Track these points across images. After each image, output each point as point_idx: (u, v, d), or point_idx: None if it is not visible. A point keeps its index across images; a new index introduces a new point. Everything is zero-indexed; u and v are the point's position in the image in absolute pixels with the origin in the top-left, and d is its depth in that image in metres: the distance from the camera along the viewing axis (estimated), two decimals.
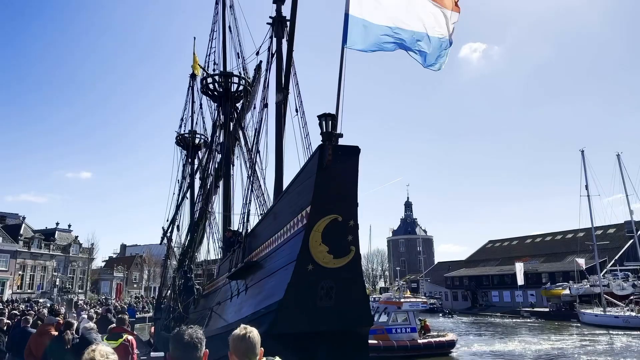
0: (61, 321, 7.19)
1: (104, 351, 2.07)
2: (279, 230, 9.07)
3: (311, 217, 7.79)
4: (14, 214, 54.56)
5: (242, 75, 17.96)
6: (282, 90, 11.93)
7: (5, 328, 9.53)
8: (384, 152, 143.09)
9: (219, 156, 18.50)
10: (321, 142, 7.71)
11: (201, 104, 23.69)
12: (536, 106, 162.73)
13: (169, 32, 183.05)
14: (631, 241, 48.36)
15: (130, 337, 6.17)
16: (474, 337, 31.39)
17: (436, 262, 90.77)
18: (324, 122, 7.79)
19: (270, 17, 13.07)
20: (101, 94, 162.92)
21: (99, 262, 72.27)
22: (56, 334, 6.70)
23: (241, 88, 17.93)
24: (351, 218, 8.03)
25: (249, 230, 11.30)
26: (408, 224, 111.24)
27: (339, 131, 7.86)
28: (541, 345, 25.99)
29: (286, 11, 12.80)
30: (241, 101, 18.09)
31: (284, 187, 12.37)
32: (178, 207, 24.69)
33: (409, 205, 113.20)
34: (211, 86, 18.19)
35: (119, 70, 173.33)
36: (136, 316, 32.46)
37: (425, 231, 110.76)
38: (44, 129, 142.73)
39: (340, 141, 7.86)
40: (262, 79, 13.20)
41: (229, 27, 18.66)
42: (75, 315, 13.40)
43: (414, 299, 23.04)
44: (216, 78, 18.05)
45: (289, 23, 12.00)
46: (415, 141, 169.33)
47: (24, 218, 54.49)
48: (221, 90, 17.93)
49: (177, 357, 2.36)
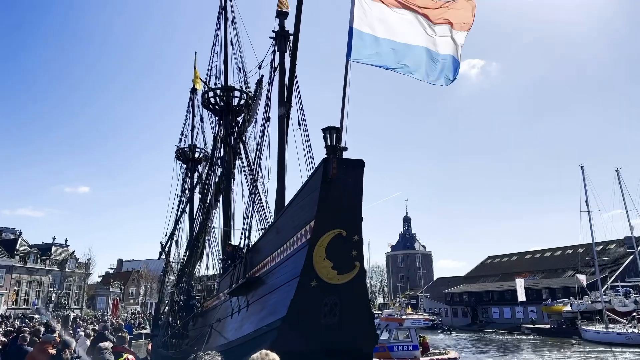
0: (58, 339, 6.97)
1: None
2: (281, 245, 8.90)
3: (315, 232, 7.65)
4: (10, 228, 54.11)
5: (244, 90, 17.96)
6: (285, 104, 11.89)
7: (0, 347, 9.26)
8: (382, 167, 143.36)
9: (219, 170, 18.38)
10: (325, 156, 7.61)
11: (202, 118, 23.66)
12: (535, 122, 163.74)
13: (169, 47, 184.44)
14: (631, 257, 48.13)
15: (130, 357, 5.96)
16: (476, 355, 30.95)
17: (435, 278, 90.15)
18: (328, 135, 7.70)
19: (273, 32, 13.11)
20: (101, 108, 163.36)
21: (95, 278, 71.62)
22: (54, 352, 6.48)
23: (242, 102, 17.93)
24: (356, 233, 7.89)
25: (250, 245, 11.12)
26: (407, 239, 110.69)
27: (343, 144, 7.79)
28: None
29: (289, 25, 12.87)
30: (242, 115, 18.08)
31: (286, 201, 12.25)
32: (177, 221, 24.48)
33: (407, 221, 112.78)
34: (212, 100, 18.16)
35: (119, 85, 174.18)
36: (133, 333, 31.91)
37: (424, 246, 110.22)
38: (43, 143, 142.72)
39: (345, 155, 7.79)
40: (265, 93, 13.19)
41: (231, 41, 18.76)
42: (72, 332, 13.10)
43: (415, 316, 22.72)
44: (217, 92, 18.04)
45: (291, 37, 12.02)
46: (413, 157, 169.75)
47: (20, 233, 54.04)
48: (222, 104, 17.91)
49: None
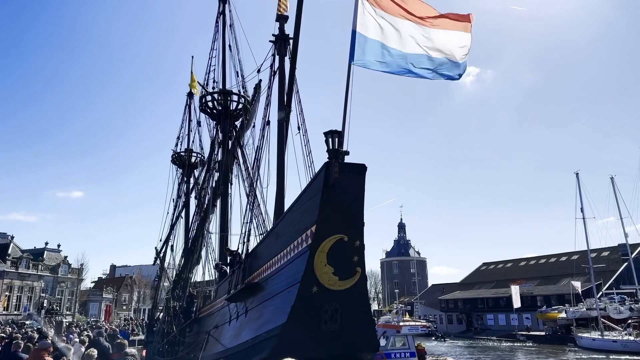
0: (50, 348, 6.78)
1: None
2: (281, 250, 8.78)
3: (316, 237, 7.55)
4: (2, 233, 53.52)
5: (242, 94, 17.86)
6: (285, 108, 11.79)
7: None
8: (376, 173, 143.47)
9: (216, 175, 18.23)
10: (327, 160, 7.52)
11: (199, 122, 23.52)
12: (529, 129, 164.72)
13: (166, 52, 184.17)
14: (625, 264, 48.30)
15: None
16: None
17: (430, 285, 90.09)
18: (330, 139, 7.62)
19: (273, 35, 13.04)
20: (96, 114, 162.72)
21: (87, 283, 70.88)
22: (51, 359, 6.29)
23: (240, 106, 17.83)
24: (357, 238, 7.82)
25: (249, 251, 10.97)
26: (401, 245, 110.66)
27: (345, 149, 7.70)
28: None
29: (289, 29, 12.82)
30: (240, 119, 17.97)
31: (286, 206, 12.14)
32: (172, 226, 24.27)
33: (402, 227, 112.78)
34: (210, 104, 18.06)
35: (113, 90, 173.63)
36: (130, 339, 31.50)
37: (418, 253, 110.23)
38: (36, 148, 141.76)
39: (346, 159, 7.70)
40: (265, 97, 13.12)
41: (229, 45, 18.70)
42: (65, 339, 12.86)
43: (413, 323, 22.56)
44: (215, 96, 17.94)
45: (291, 41, 11.96)
46: (408, 163, 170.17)
47: (12, 237, 53.43)
48: (220, 108, 17.81)
49: None
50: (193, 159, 26.20)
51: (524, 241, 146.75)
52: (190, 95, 26.98)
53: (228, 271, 13.52)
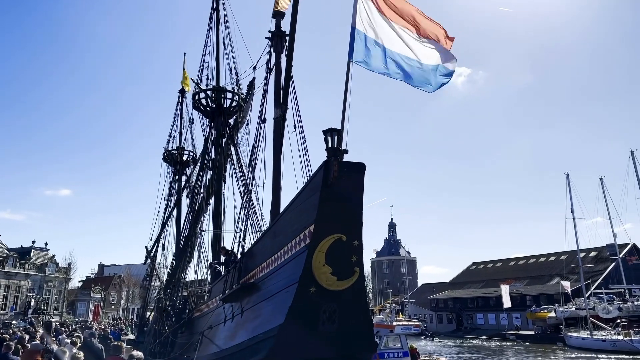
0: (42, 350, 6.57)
1: None
2: (278, 250, 8.65)
3: (315, 236, 7.45)
4: None
5: (236, 91, 17.66)
6: (281, 106, 11.65)
7: None
8: (367, 172, 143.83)
9: (209, 173, 18.01)
10: (326, 158, 7.41)
11: (192, 120, 23.21)
12: (520, 130, 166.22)
13: (158, 48, 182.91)
14: (613, 264, 48.81)
15: None
16: None
17: (420, 284, 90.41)
18: (329, 137, 7.51)
19: (269, 32, 12.87)
20: (84, 110, 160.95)
21: (75, 283, 70.04)
22: None
23: (234, 104, 17.63)
24: (356, 238, 7.73)
25: (245, 250, 10.80)
26: (392, 245, 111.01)
27: (344, 147, 7.60)
28: None
29: (285, 26, 12.66)
30: (234, 117, 17.76)
31: (282, 205, 12.00)
32: (164, 225, 23.97)
33: (392, 227, 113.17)
34: (204, 101, 17.82)
35: (103, 87, 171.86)
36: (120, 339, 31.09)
37: (409, 252, 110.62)
38: (23, 145, 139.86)
39: (345, 157, 7.60)
40: (260, 94, 12.97)
41: (223, 42, 18.48)
42: (55, 340, 12.59)
43: (406, 322, 22.52)
44: (209, 93, 17.71)
45: (288, 38, 11.81)
46: (398, 163, 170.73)
47: None
48: (214, 105, 17.59)
49: None
50: (185, 157, 25.92)
51: (513, 241, 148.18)
52: (183, 92, 26.70)
53: (222, 271, 13.37)
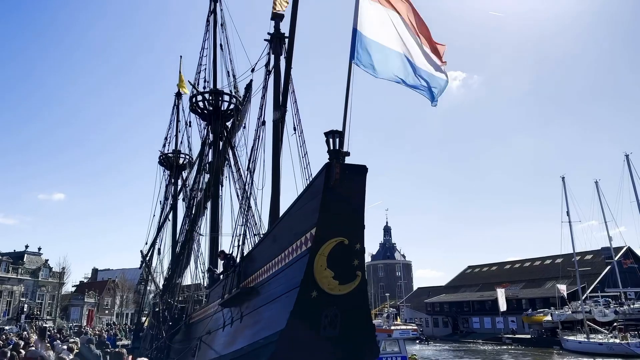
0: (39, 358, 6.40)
1: None
2: (279, 253, 8.53)
3: (316, 240, 7.34)
4: None
5: (233, 94, 17.55)
6: (280, 108, 11.55)
7: None
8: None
9: (207, 176, 17.85)
10: (328, 160, 7.32)
11: (189, 123, 22.98)
12: (514, 133, 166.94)
13: (153, 49, 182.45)
14: (608, 267, 48.95)
15: None
16: None
17: (415, 288, 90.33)
18: (330, 139, 7.43)
19: (268, 34, 12.80)
20: (76, 113, 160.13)
21: (69, 287, 69.45)
22: None
23: (232, 106, 17.52)
24: (358, 241, 7.66)
25: (244, 254, 10.66)
26: (387, 248, 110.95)
27: (345, 149, 7.51)
28: None
29: (284, 28, 12.61)
30: (231, 120, 17.65)
31: (281, 208, 11.89)
32: (159, 229, 23.73)
33: (388, 230, 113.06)
34: (201, 104, 17.70)
35: (98, 89, 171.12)
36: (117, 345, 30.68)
37: (404, 256, 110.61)
38: (16, 148, 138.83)
39: (347, 160, 7.51)
40: (257, 97, 12.88)
41: (220, 45, 18.39)
42: (50, 346, 12.33)
43: (404, 327, 22.40)
44: (206, 96, 17.59)
45: (287, 40, 11.73)
46: (393, 166, 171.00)
47: None
48: (211, 108, 17.46)
49: None
50: (181, 161, 25.74)
51: (508, 244, 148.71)
52: (179, 95, 26.55)
53: (220, 275, 13.20)
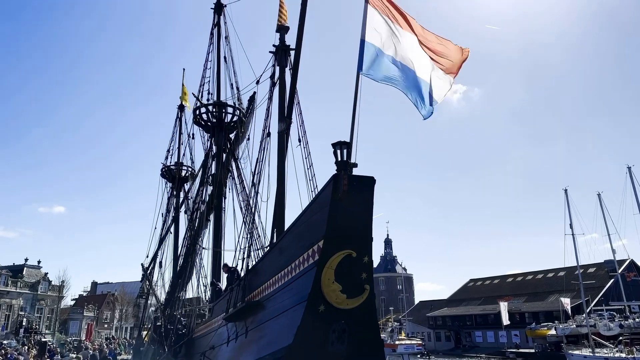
0: None
1: None
2: (285, 266, 8.40)
3: (324, 252, 7.24)
4: None
5: (237, 106, 17.59)
6: (285, 120, 11.52)
7: None
8: None
9: (209, 188, 17.78)
10: (336, 172, 7.25)
11: (192, 135, 22.88)
12: (516, 146, 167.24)
13: (156, 62, 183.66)
14: (612, 280, 48.56)
15: None
16: None
17: (417, 301, 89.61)
18: (338, 150, 7.38)
19: (273, 46, 12.85)
20: (77, 125, 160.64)
21: (68, 301, 68.89)
22: None
23: (235, 118, 17.54)
24: (366, 254, 7.56)
25: (249, 267, 10.51)
26: (388, 261, 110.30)
27: (353, 160, 7.44)
28: None
29: (289, 40, 12.68)
30: (235, 132, 17.66)
31: (286, 220, 11.78)
32: (161, 241, 23.56)
33: (389, 243, 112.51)
34: (204, 116, 17.72)
35: (101, 101, 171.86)
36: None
37: (405, 269, 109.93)
38: (16, 160, 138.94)
39: (355, 171, 7.43)
40: (262, 108, 12.87)
41: (224, 57, 18.47)
42: None
43: (408, 341, 22.14)
44: (210, 108, 17.61)
45: (292, 52, 11.75)
46: (394, 178, 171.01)
47: None
48: (215, 120, 17.48)
49: None
50: (183, 173, 25.71)
51: (508, 257, 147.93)
52: (181, 108, 26.62)
53: (223, 289, 13.02)
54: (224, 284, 14.46)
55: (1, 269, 51.27)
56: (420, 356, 50.76)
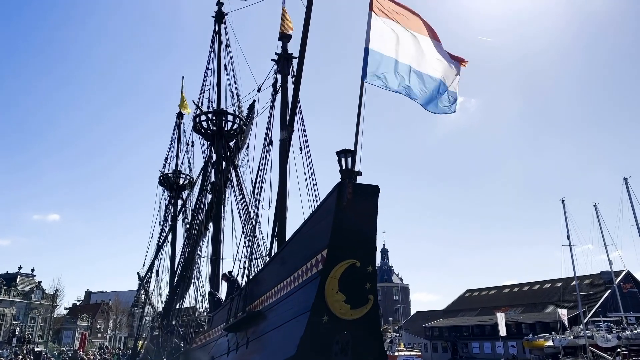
0: None
1: None
2: (288, 276, 8.28)
3: (328, 262, 7.13)
4: None
5: (237, 114, 17.55)
6: (287, 128, 11.46)
7: None
8: None
9: (209, 196, 17.66)
10: (340, 180, 7.18)
11: (191, 143, 22.67)
12: (512, 156, 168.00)
13: (155, 70, 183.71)
14: (609, 292, 48.46)
15: None
16: None
17: (414, 312, 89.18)
18: (342, 158, 7.31)
19: (275, 54, 12.83)
20: (72, 132, 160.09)
21: (61, 310, 68.09)
22: None
23: (235, 126, 17.49)
24: (370, 263, 7.47)
25: (250, 276, 10.38)
26: (384, 271, 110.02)
27: (357, 169, 7.38)
28: None
29: (292, 48, 12.68)
30: (234, 140, 17.59)
31: (287, 229, 11.67)
32: (158, 250, 23.32)
33: (385, 253, 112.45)
34: (204, 124, 17.66)
35: (95, 109, 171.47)
36: None
37: (401, 279, 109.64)
38: (9, 167, 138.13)
39: (358, 180, 7.36)
40: (263, 116, 12.83)
41: (225, 65, 18.48)
42: None
43: (407, 352, 21.96)
44: (210, 116, 17.56)
45: (294, 60, 11.76)
46: (390, 188, 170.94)
47: None
48: (215, 128, 17.41)
49: None
50: (181, 181, 25.54)
51: (505, 267, 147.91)
52: (180, 115, 26.57)
53: (222, 298, 12.85)
54: (222, 293, 14.29)
55: None
56: None
